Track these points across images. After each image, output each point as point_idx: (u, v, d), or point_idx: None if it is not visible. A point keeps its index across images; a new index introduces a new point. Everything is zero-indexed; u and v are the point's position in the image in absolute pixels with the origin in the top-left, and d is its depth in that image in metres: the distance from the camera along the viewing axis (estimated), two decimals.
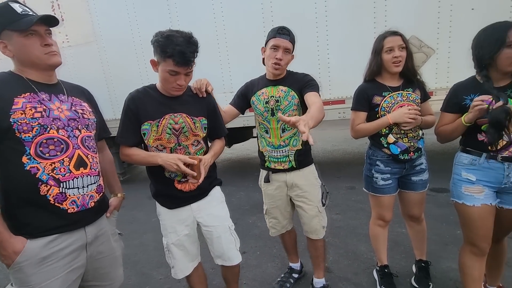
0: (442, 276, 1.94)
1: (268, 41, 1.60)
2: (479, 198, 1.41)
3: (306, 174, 1.72)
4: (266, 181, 1.77)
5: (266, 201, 1.83)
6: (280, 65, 1.58)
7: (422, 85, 1.69)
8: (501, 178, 1.37)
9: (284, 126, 1.64)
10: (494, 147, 1.35)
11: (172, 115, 1.38)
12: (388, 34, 1.62)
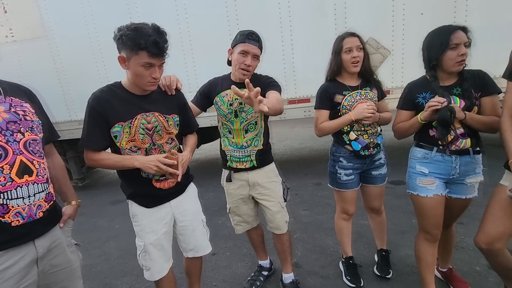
0: (400, 263, 2.08)
1: (237, 45, 1.59)
2: (431, 189, 1.53)
3: (267, 172, 1.76)
4: (228, 181, 1.78)
5: (229, 200, 1.84)
6: (249, 71, 1.59)
7: (379, 84, 1.79)
8: (450, 170, 1.50)
9: (247, 127, 1.66)
10: (443, 142, 1.46)
11: (144, 115, 1.34)
12: (347, 35, 1.68)
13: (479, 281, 1.86)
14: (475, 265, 1.99)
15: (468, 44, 1.39)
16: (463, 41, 1.37)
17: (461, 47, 1.37)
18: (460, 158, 1.47)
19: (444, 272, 1.86)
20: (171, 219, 1.49)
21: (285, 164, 4.94)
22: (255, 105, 1.26)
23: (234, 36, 1.65)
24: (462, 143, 1.45)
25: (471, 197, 1.55)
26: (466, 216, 2.53)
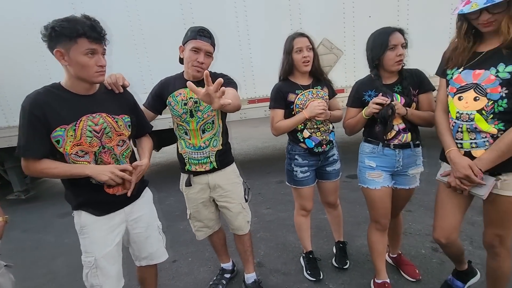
0: (357, 253, 2.19)
1: (188, 42, 1.53)
2: (379, 181, 1.62)
3: (228, 174, 1.72)
4: (187, 185, 1.71)
5: (189, 205, 1.77)
6: (203, 68, 1.54)
7: (329, 83, 1.86)
8: (394, 163, 1.60)
9: (204, 126, 1.61)
10: (384, 137, 1.56)
11: (90, 116, 1.24)
12: (297, 35, 1.72)
13: (424, 263, 2.02)
14: (421, 249, 2.17)
15: (405, 45, 1.50)
16: (400, 42, 1.47)
17: (398, 48, 1.46)
18: (402, 151, 1.58)
19: (394, 258, 1.99)
20: (123, 228, 1.40)
21: (248, 164, 4.95)
22: (214, 100, 1.17)
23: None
24: (404, 138, 1.56)
25: (414, 187, 1.68)
26: (413, 204, 2.77)
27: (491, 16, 1.13)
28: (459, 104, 1.28)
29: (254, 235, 2.57)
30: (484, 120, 1.22)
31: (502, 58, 1.16)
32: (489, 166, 1.21)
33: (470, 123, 1.24)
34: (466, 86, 1.25)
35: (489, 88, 1.19)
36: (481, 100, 1.21)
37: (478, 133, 1.25)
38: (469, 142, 1.28)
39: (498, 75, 1.17)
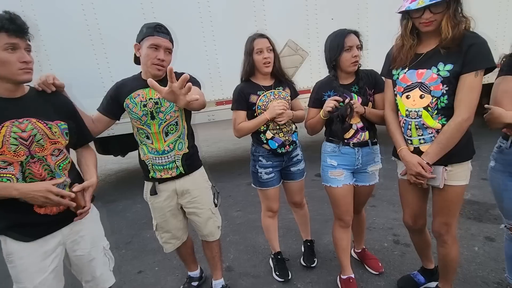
0: (324, 250, 2.23)
1: (145, 39, 1.44)
2: (340, 179, 1.66)
3: (196, 178, 1.64)
4: (152, 194, 1.59)
5: (156, 215, 1.65)
6: (164, 66, 1.46)
7: (291, 83, 1.87)
8: (354, 161, 1.65)
9: (167, 129, 1.52)
10: (342, 135, 1.60)
11: (16, 122, 1.09)
12: (257, 36, 1.71)
13: (387, 255, 2.10)
14: (384, 242, 2.26)
15: (360, 46, 1.54)
16: (356, 44, 1.51)
17: (354, 49, 1.51)
18: (361, 149, 1.63)
19: (359, 253, 2.05)
20: (62, 252, 1.24)
21: (219, 166, 4.89)
22: (180, 98, 1.09)
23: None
24: (362, 136, 1.61)
25: (373, 183, 1.74)
26: (377, 199, 2.88)
27: (432, 16, 1.20)
28: (408, 103, 1.35)
29: (224, 239, 2.52)
30: (430, 116, 1.30)
31: (441, 57, 1.25)
32: (434, 159, 1.29)
33: (418, 120, 1.32)
34: (412, 85, 1.33)
35: (432, 86, 1.27)
36: (426, 97, 1.29)
37: (425, 129, 1.32)
38: (417, 139, 1.35)
39: (439, 74, 1.25)
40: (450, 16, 1.18)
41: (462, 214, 2.51)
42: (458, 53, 1.21)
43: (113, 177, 5.05)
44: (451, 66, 1.23)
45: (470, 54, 1.18)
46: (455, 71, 1.22)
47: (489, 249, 2.05)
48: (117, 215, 3.36)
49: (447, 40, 1.20)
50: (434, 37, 1.27)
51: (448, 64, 1.23)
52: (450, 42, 1.20)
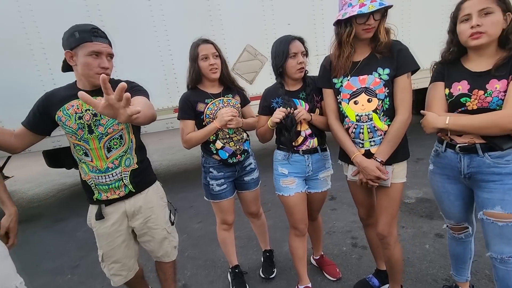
0: (284, 259, 2.18)
1: (80, 45, 1.25)
2: (292, 188, 1.62)
3: (149, 196, 1.47)
4: (98, 218, 1.39)
5: (101, 243, 1.43)
6: (108, 74, 1.32)
7: (241, 90, 1.81)
8: (304, 168, 1.62)
9: (109, 143, 1.35)
10: (295, 143, 1.57)
11: None
12: (201, 42, 1.63)
13: (345, 260, 2.11)
14: (343, 246, 2.27)
15: (305, 53, 1.53)
16: (300, 50, 1.49)
17: (299, 56, 1.49)
18: (311, 156, 1.60)
19: (317, 260, 2.04)
20: None
21: (184, 174, 4.72)
22: (120, 112, 0.94)
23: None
24: (311, 143, 1.59)
25: (326, 189, 1.72)
26: (337, 202, 2.91)
27: (374, 22, 1.25)
28: (357, 108, 1.37)
29: (181, 254, 2.39)
30: (378, 118, 1.35)
31: (378, 63, 1.31)
32: (386, 157, 1.34)
33: (370, 123, 1.35)
34: (357, 91, 1.35)
35: (377, 90, 1.32)
36: (373, 101, 1.33)
37: (375, 132, 1.36)
38: (368, 142, 1.38)
39: (381, 78, 1.31)
40: (384, 24, 1.27)
41: (415, 213, 2.61)
42: (390, 58, 1.30)
43: (66, 192, 4.66)
44: (388, 70, 1.30)
45: (400, 58, 1.28)
46: (392, 74, 1.30)
47: (439, 245, 2.14)
48: (65, 235, 3.08)
49: (381, 46, 1.28)
50: (367, 45, 1.33)
51: (386, 69, 1.31)
52: (383, 47, 1.28)
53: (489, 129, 1.14)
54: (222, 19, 3.37)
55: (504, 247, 1.23)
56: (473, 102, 1.18)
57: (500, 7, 1.11)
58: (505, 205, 1.18)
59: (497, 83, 1.13)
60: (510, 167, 1.17)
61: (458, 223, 1.46)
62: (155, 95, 3.25)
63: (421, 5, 3.91)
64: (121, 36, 3.10)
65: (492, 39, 1.14)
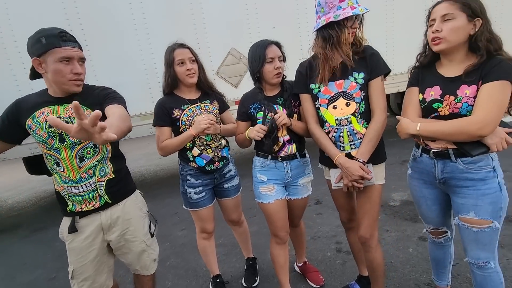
0: (267, 267, 2.14)
1: (49, 51, 1.18)
2: (272, 195, 1.59)
3: (127, 207, 1.39)
4: (71, 231, 1.31)
5: (73, 259, 1.34)
6: (82, 80, 1.26)
7: (220, 96, 1.77)
8: (283, 174, 1.59)
9: (82, 152, 1.28)
10: (274, 150, 1.54)
11: None
12: (177, 46, 1.59)
13: (329, 266, 2.08)
14: (327, 251, 2.24)
15: (282, 58, 1.50)
16: (277, 55, 1.47)
17: (275, 61, 1.46)
18: (290, 162, 1.57)
19: (301, 266, 2.00)
20: None
21: (171, 179, 4.64)
22: (94, 136, 0.89)
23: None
24: (290, 149, 1.56)
25: (306, 196, 1.69)
26: (323, 206, 2.89)
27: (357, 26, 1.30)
28: (336, 112, 1.38)
29: (163, 263, 2.34)
30: (357, 121, 1.36)
31: (353, 68, 1.32)
32: (367, 156, 1.35)
33: (349, 126, 1.36)
34: (335, 96, 1.36)
35: (354, 93, 1.34)
36: (351, 104, 1.35)
37: (355, 135, 1.37)
38: (349, 145, 1.39)
39: (357, 82, 1.33)
40: (360, 28, 1.33)
41: (400, 216, 2.61)
42: (364, 62, 1.32)
43: (47, 200, 4.51)
44: (363, 74, 1.33)
45: (373, 62, 1.32)
46: (367, 78, 1.33)
47: (422, 249, 2.13)
48: (44, 245, 2.96)
49: (357, 50, 1.33)
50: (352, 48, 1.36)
51: (361, 73, 1.33)
52: (358, 51, 1.33)
53: (458, 136, 1.14)
54: (206, 22, 3.33)
55: (480, 252, 1.22)
56: (445, 107, 1.17)
57: (465, 12, 1.09)
58: (479, 210, 1.18)
59: (467, 89, 1.13)
60: (482, 173, 1.16)
61: (436, 228, 1.45)
62: (138, 99, 3.23)
63: (404, 9, 3.95)
64: (102, 39, 3.04)
65: (452, 45, 1.14)
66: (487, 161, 1.16)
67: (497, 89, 1.06)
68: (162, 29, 3.22)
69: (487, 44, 1.09)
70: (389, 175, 3.13)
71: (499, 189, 1.17)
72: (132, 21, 3.12)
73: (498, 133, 1.10)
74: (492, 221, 1.17)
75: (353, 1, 1.26)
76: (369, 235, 1.44)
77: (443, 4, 1.14)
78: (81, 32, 2.92)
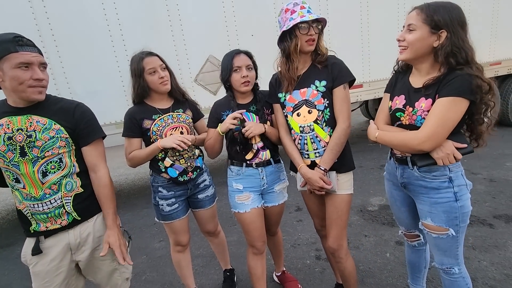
0: (246, 277, 2.09)
1: (4, 57, 1.09)
2: (248, 204, 1.56)
3: (98, 224, 1.31)
4: (35, 253, 1.20)
5: (38, 284, 1.24)
6: (45, 86, 1.18)
7: (193, 104, 1.73)
8: (259, 181, 1.57)
9: (46, 167, 1.19)
10: (247, 157, 1.52)
11: None
12: (145, 55, 1.54)
13: (308, 274, 2.06)
14: (306, 259, 2.23)
15: (251, 67, 1.49)
16: (245, 64, 1.46)
17: (242, 70, 1.46)
18: (264, 169, 1.56)
19: (279, 276, 1.98)
20: None
21: (148, 189, 4.48)
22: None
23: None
24: (264, 155, 1.54)
25: (283, 202, 1.67)
26: (304, 213, 2.89)
27: (315, 34, 1.31)
28: (299, 120, 1.41)
29: (139, 278, 2.25)
30: (321, 128, 1.38)
31: (315, 76, 1.37)
32: (330, 164, 1.38)
33: (312, 133, 1.39)
34: (299, 103, 1.40)
35: (315, 101, 1.37)
36: (313, 112, 1.38)
37: (318, 143, 1.40)
38: (313, 153, 1.42)
39: (318, 90, 1.36)
40: (322, 38, 1.35)
41: (378, 220, 2.65)
42: (326, 70, 1.35)
43: (16, 214, 4.26)
44: (325, 82, 1.36)
45: (336, 71, 1.35)
46: (329, 86, 1.36)
47: (399, 253, 2.16)
48: (10, 263, 2.78)
49: (320, 59, 1.36)
50: (309, 59, 1.40)
51: (323, 81, 1.36)
52: (322, 60, 1.36)
53: (402, 148, 1.19)
54: (183, 29, 3.29)
55: (443, 258, 1.25)
56: (405, 117, 1.20)
57: (428, 25, 1.09)
58: (434, 217, 1.21)
59: (423, 102, 1.14)
60: (436, 182, 1.19)
61: (409, 230, 1.48)
62: (114, 107, 3.13)
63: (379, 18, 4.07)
64: (74, 45, 2.93)
65: (414, 56, 1.15)
66: (443, 171, 1.17)
67: (445, 106, 1.05)
68: (138, 35, 3.14)
69: (446, 58, 1.07)
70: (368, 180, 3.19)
71: (454, 199, 1.17)
72: (106, 27, 3.03)
73: (445, 148, 1.09)
74: (448, 229, 1.19)
75: (303, 12, 1.30)
76: (337, 245, 1.45)
77: (412, 13, 1.14)
78: (51, 38, 2.80)
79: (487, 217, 2.47)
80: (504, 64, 4.83)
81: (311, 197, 1.53)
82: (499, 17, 4.63)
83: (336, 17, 3.79)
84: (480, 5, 4.41)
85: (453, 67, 1.07)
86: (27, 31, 1.21)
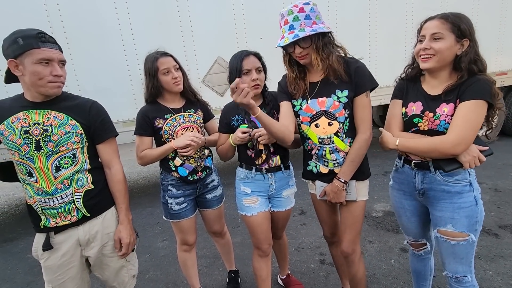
0: (250, 279, 2.10)
1: (26, 53, 1.12)
2: (255, 207, 1.56)
3: (107, 221, 1.32)
4: (46, 248, 1.23)
5: (50, 277, 1.26)
6: (63, 82, 1.20)
7: (204, 104, 1.74)
8: (268, 186, 1.57)
9: (59, 162, 1.21)
10: (258, 162, 1.52)
11: None
12: (159, 55, 1.56)
13: (312, 278, 2.06)
14: (311, 263, 2.22)
15: (261, 69, 1.49)
16: (255, 67, 1.45)
17: (252, 73, 1.44)
18: (274, 174, 1.56)
19: (284, 279, 1.97)
20: None
21: (154, 187, 4.51)
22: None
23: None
24: (274, 161, 1.55)
25: (290, 208, 1.67)
26: (308, 217, 2.88)
27: (303, 50, 1.26)
28: (318, 131, 1.36)
29: (142, 276, 2.25)
30: (341, 140, 1.34)
31: (336, 85, 1.30)
32: (349, 176, 1.35)
33: (332, 145, 1.35)
34: (317, 114, 1.35)
35: (337, 113, 1.31)
36: (334, 124, 1.33)
37: (337, 153, 1.36)
38: (332, 162, 1.38)
39: (340, 101, 1.30)
40: (315, 51, 1.25)
41: (382, 227, 2.64)
42: (348, 78, 1.28)
43: (20, 208, 4.28)
44: (347, 92, 1.30)
45: (358, 78, 1.28)
46: (351, 96, 1.30)
47: (404, 260, 2.16)
48: (14, 258, 2.78)
49: (329, 72, 1.29)
50: (318, 68, 1.32)
51: (344, 91, 1.30)
52: (331, 73, 1.29)
53: (431, 153, 1.17)
54: (193, 30, 3.32)
55: (458, 266, 1.24)
56: (424, 123, 1.20)
57: (454, 33, 1.11)
58: (456, 223, 1.20)
59: (445, 107, 1.16)
60: (459, 186, 1.19)
61: (416, 240, 1.47)
62: (122, 105, 3.15)
63: (386, 25, 4.10)
64: (85, 44, 2.96)
65: (440, 64, 1.16)
66: (464, 175, 1.19)
67: (471, 109, 1.09)
68: (148, 36, 3.17)
69: (470, 65, 1.11)
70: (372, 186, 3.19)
71: (475, 203, 1.19)
72: (118, 26, 3.06)
73: (471, 151, 1.12)
74: (469, 234, 1.20)
75: (285, 29, 1.24)
76: (351, 250, 1.44)
77: (434, 22, 1.15)
78: (63, 36, 2.83)
79: (493, 227, 2.46)
80: (510, 75, 4.84)
81: (323, 205, 1.51)
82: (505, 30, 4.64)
83: (345, 25, 3.83)
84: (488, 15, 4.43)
85: (474, 73, 1.12)
86: (39, 27, 1.23)
